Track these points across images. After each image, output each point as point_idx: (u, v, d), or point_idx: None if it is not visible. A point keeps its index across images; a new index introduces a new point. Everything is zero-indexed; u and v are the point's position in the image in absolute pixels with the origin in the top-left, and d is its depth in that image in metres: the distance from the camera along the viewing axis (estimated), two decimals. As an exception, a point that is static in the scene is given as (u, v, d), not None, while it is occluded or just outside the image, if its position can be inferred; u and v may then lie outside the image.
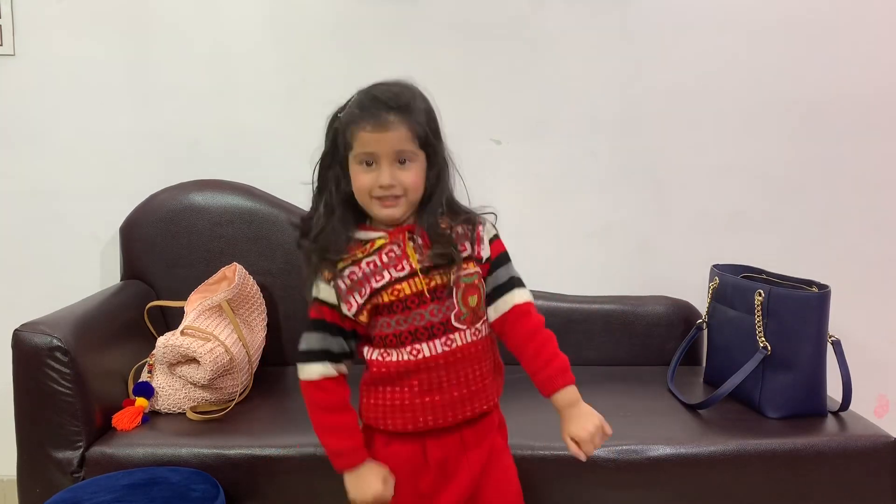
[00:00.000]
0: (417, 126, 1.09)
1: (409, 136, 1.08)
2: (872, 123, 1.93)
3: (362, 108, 1.09)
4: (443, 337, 1.11)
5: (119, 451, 1.40)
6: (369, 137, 1.07)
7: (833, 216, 1.95)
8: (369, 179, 1.09)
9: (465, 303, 1.12)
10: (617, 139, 1.94)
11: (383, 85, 1.12)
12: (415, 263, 1.10)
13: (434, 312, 1.10)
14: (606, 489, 1.40)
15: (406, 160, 1.09)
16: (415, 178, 1.10)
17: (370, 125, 1.07)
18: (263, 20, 1.90)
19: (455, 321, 1.11)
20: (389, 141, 1.07)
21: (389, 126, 1.07)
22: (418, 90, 1.13)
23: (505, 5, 1.89)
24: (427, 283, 1.10)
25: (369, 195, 1.09)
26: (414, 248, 1.11)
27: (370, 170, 1.09)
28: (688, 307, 1.90)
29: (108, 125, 1.91)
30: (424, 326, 1.10)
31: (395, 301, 1.10)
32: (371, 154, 1.08)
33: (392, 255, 1.11)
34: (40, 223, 1.93)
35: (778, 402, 1.54)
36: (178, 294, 1.77)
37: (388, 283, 1.10)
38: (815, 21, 1.89)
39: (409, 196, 1.10)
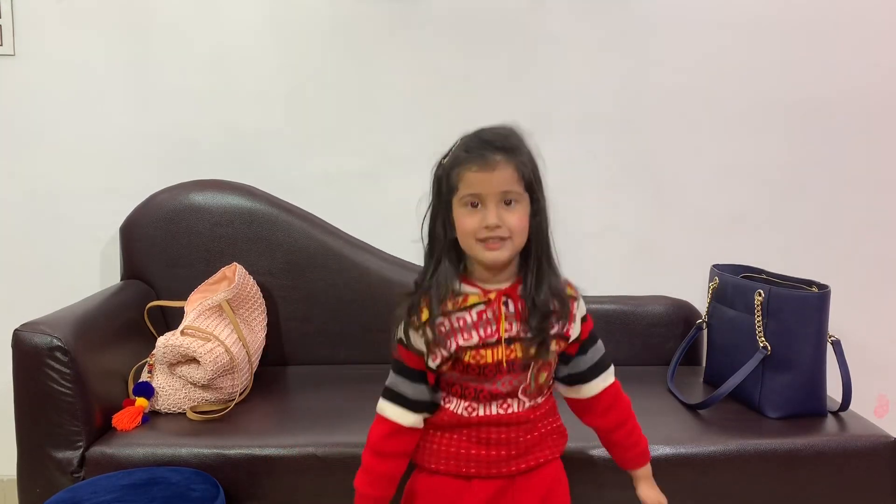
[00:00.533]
0: (524, 167, 1.07)
1: (516, 177, 1.06)
2: (872, 123, 1.93)
3: (468, 149, 1.07)
4: (501, 400, 1.11)
5: (119, 451, 1.40)
6: (476, 178, 1.05)
7: (833, 216, 1.95)
8: (475, 221, 1.06)
9: (537, 380, 1.11)
10: (617, 139, 1.94)
11: (490, 128, 1.10)
12: (502, 332, 1.08)
13: (505, 384, 1.10)
14: (606, 489, 1.40)
15: (512, 201, 1.07)
16: (520, 219, 1.07)
17: (477, 165, 1.05)
18: (263, 20, 1.90)
19: (521, 394, 1.11)
20: (496, 181, 1.05)
21: (497, 166, 1.05)
22: (523, 134, 1.12)
23: (505, 5, 1.89)
24: (507, 355, 1.08)
25: (474, 238, 1.07)
26: (506, 315, 1.09)
27: (475, 211, 1.06)
28: (688, 307, 1.90)
29: (108, 125, 1.91)
30: (490, 392, 1.10)
31: (473, 365, 1.08)
32: (477, 195, 1.06)
33: (484, 318, 1.09)
34: (40, 223, 1.93)
35: (778, 402, 1.54)
36: (178, 294, 1.77)
37: (474, 346, 1.08)
38: (815, 21, 1.90)
39: (514, 239, 1.07)
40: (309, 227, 1.87)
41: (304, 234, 1.86)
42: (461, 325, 1.08)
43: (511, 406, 1.11)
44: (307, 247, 1.86)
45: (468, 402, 1.11)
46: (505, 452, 1.12)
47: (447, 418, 1.12)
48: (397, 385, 1.13)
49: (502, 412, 1.11)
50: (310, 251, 1.85)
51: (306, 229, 1.86)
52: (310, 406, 1.61)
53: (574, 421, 1.27)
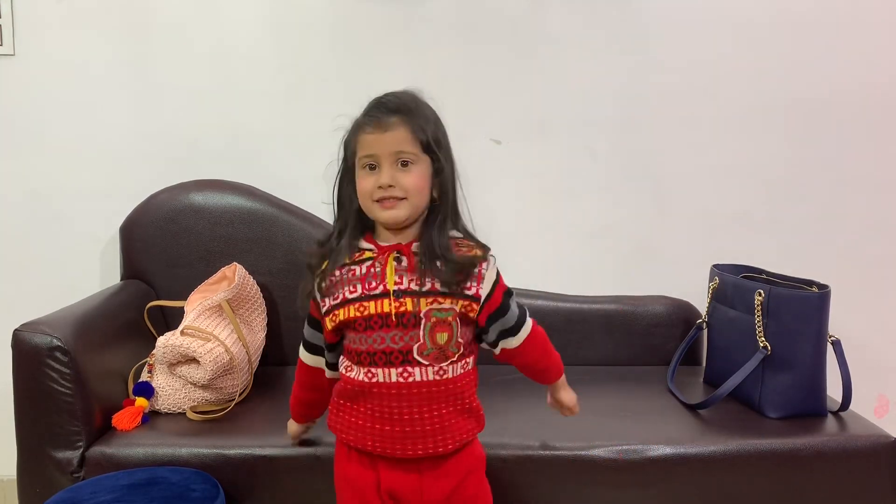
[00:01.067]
0: (419, 131, 1.09)
1: (411, 138, 1.09)
2: (872, 123, 1.93)
3: (366, 112, 1.12)
4: (400, 367, 1.08)
5: (119, 451, 1.40)
6: (370, 139, 1.09)
7: (833, 216, 1.95)
8: (371, 181, 1.09)
9: (433, 338, 1.08)
10: (617, 139, 1.94)
11: (389, 93, 1.14)
12: (390, 284, 1.09)
13: (396, 339, 1.08)
14: (606, 489, 1.40)
15: (408, 162, 1.09)
16: (416, 180, 1.09)
17: (371, 126, 1.09)
18: (263, 20, 1.90)
19: (417, 354, 1.08)
20: (389, 142, 1.08)
21: (390, 126, 1.08)
22: (423, 100, 1.15)
23: (505, 6, 1.89)
24: (396, 307, 1.07)
25: (371, 198, 1.09)
26: (395, 269, 1.10)
27: (372, 173, 1.10)
28: (688, 307, 1.90)
29: (108, 125, 1.91)
30: (383, 351, 1.08)
31: (359, 318, 1.09)
32: (373, 156, 1.09)
33: (371, 271, 1.10)
34: (40, 223, 1.93)
35: (778, 402, 1.54)
36: (178, 294, 1.77)
37: (358, 298, 1.10)
38: (816, 21, 1.89)
39: (411, 199, 1.09)
40: (309, 227, 1.87)
41: (304, 234, 1.86)
42: (349, 276, 1.11)
43: (412, 374, 1.08)
44: (307, 247, 1.85)
45: (366, 367, 1.10)
46: (409, 429, 1.09)
47: (349, 386, 1.13)
48: (305, 329, 1.23)
49: (402, 380, 1.08)
50: (310, 251, 1.85)
51: (306, 229, 1.86)
52: (310, 406, 1.61)
53: (566, 424, 1.27)
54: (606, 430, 1.46)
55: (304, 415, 1.34)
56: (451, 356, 1.10)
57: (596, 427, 1.47)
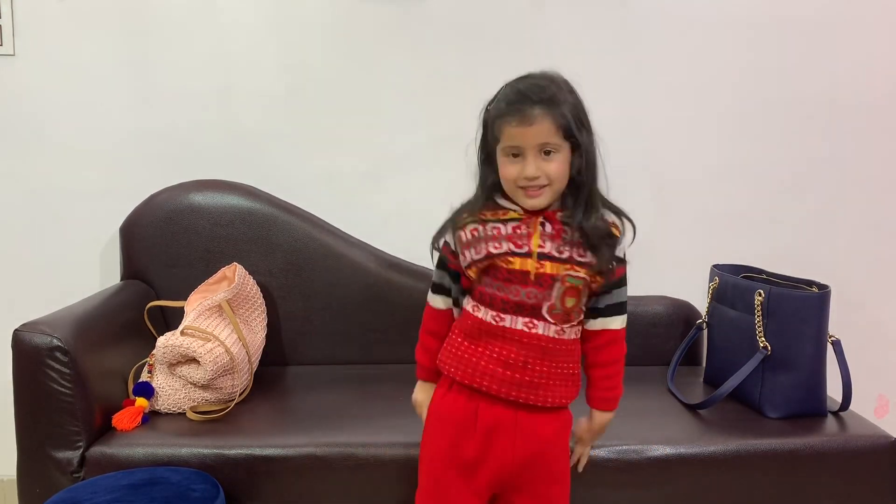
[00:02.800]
0: (561, 118, 1.13)
1: (553, 128, 1.13)
2: (873, 123, 1.93)
3: (508, 102, 1.15)
4: (528, 318, 1.15)
5: (119, 451, 1.40)
6: (515, 132, 1.13)
7: (833, 216, 1.95)
8: (515, 170, 1.14)
9: (563, 301, 1.15)
10: (616, 139, 1.93)
11: (529, 78, 1.18)
12: (534, 246, 1.15)
13: (530, 295, 1.14)
14: (606, 489, 1.40)
15: (551, 151, 1.14)
16: (558, 168, 1.14)
17: (516, 120, 1.13)
18: (263, 20, 1.90)
19: (545, 311, 1.15)
20: (534, 134, 1.12)
21: (534, 120, 1.12)
22: (565, 82, 1.19)
23: (505, 5, 1.89)
24: (536, 268, 1.14)
25: (515, 184, 1.15)
26: (541, 234, 1.16)
27: (516, 161, 1.15)
28: (688, 307, 1.90)
29: (108, 125, 1.91)
30: (517, 302, 1.15)
31: (503, 268, 1.15)
32: (517, 147, 1.14)
33: (518, 232, 1.16)
34: (40, 223, 1.93)
35: (778, 402, 1.54)
36: (178, 294, 1.77)
37: (503, 254, 1.15)
38: (815, 21, 1.90)
39: (553, 186, 1.15)
40: (309, 227, 1.87)
41: (304, 234, 1.86)
42: (495, 233, 1.16)
43: (536, 327, 1.15)
44: (307, 247, 1.86)
45: (496, 311, 1.16)
46: (519, 376, 1.15)
47: (474, 324, 1.18)
48: (435, 275, 1.27)
49: (526, 329, 1.15)
50: (310, 251, 1.85)
51: (306, 229, 1.86)
52: (310, 406, 1.61)
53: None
54: (607, 430, 1.46)
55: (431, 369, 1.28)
56: (573, 319, 1.18)
57: (596, 427, 1.47)
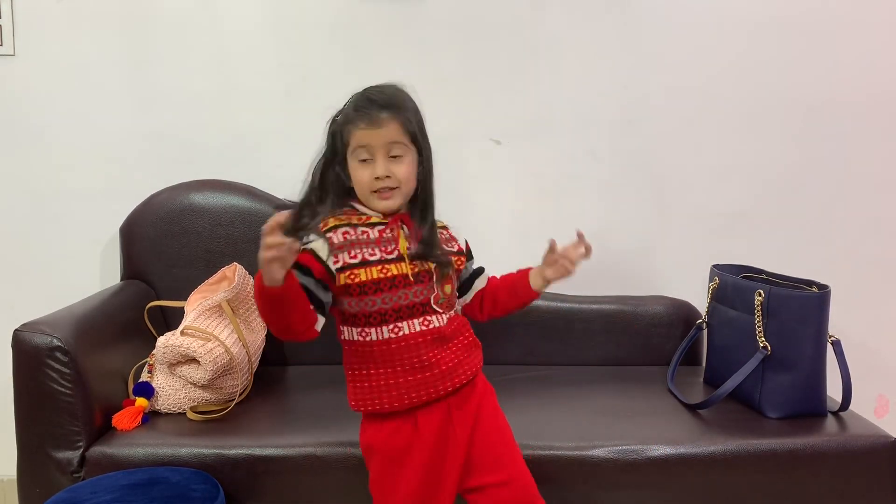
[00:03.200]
0: (408, 123, 1.20)
1: (401, 131, 1.19)
2: (872, 124, 1.93)
3: (357, 108, 1.20)
4: (421, 317, 1.20)
5: (119, 451, 1.40)
6: (364, 134, 1.18)
7: (833, 216, 1.95)
8: (367, 174, 1.19)
9: (443, 289, 1.23)
10: (617, 139, 1.94)
11: (376, 87, 1.23)
12: (403, 250, 1.20)
13: (416, 294, 1.20)
14: (606, 489, 1.40)
15: (398, 154, 1.20)
16: (406, 170, 1.21)
17: (365, 123, 1.18)
18: (263, 20, 1.90)
19: (433, 304, 1.21)
20: (383, 135, 1.18)
21: (382, 122, 1.18)
22: (407, 93, 1.25)
23: (505, 5, 1.89)
24: (412, 269, 1.20)
25: (369, 189, 1.20)
26: (405, 236, 1.22)
27: (367, 165, 1.20)
28: (688, 307, 1.90)
29: (107, 125, 1.91)
30: (407, 306, 1.19)
31: (383, 279, 1.18)
32: (367, 148, 1.19)
33: (384, 237, 1.21)
34: (40, 223, 1.93)
35: (778, 402, 1.54)
36: (178, 294, 1.77)
37: (379, 261, 1.19)
38: (815, 21, 1.90)
39: (403, 188, 1.21)
40: (309, 227, 1.87)
41: (304, 234, 1.85)
42: (366, 238, 1.20)
43: (431, 322, 1.20)
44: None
45: (392, 323, 1.19)
46: (438, 371, 1.19)
47: (372, 349, 1.19)
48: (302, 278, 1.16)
49: (424, 328, 1.19)
50: (310, 251, 1.85)
51: (306, 229, 1.86)
52: (310, 406, 1.61)
53: (566, 424, 1.27)
54: (606, 430, 1.46)
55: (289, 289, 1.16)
56: (453, 301, 1.27)
57: (596, 427, 1.47)
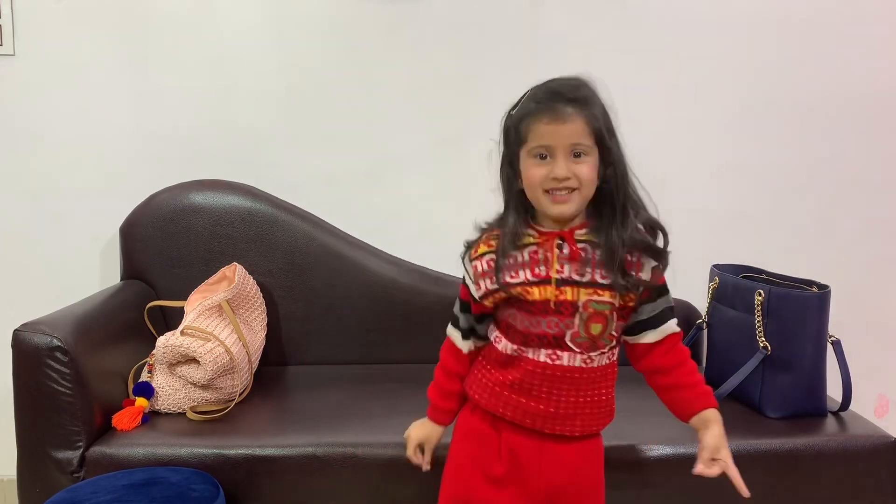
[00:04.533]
0: (594, 120, 1.07)
1: (587, 129, 1.06)
2: (872, 123, 1.93)
3: (538, 100, 1.08)
4: (550, 349, 1.09)
5: (119, 451, 1.40)
6: (546, 129, 1.06)
7: (833, 216, 1.95)
8: (542, 172, 1.07)
9: (587, 328, 1.08)
10: (617, 139, 1.94)
11: (560, 79, 1.11)
12: (553, 272, 1.08)
13: (552, 325, 1.08)
14: (606, 489, 1.40)
15: (581, 154, 1.07)
16: (589, 171, 1.07)
17: (547, 117, 1.06)
18: (263, 20, 1.90)
19: (569, 340, 1.09)
20: (567, 133, 1.05)
21: (567, 118, 1.05)
22: (595, 86, 1.11)
23: (505, 5, 1.89)
24: (556, 295, 1.07)
25: (541, 188, 1.07)
26: (559, 257, 1.08)
27: (544, 163, 1.07)
28: (688, 307, 1.89)
29: (107, 125, 1.91)
30: (538, 335, 1.09)
31: (522, 301, 1.09)
32: (547, 147, 1.06)
33: (535, 257, 1.09)
34: (40, 223, 1.93)
35: (778, 402, 1.54)
36: (178, 294, 1.77)
37: (521, 283, 1.09)
38: (815, 21, 1.90)
39: (582, 191, 1.07)
40: (309, 227, 1.87)
41: (304, 234, 1.86)
42: (510, 262, 1.10)
43: (560, 358, 1.09)
44: (307, 247, 1.86)
45: (517, 344, 1.11)
46: (544, 407, 1.11)
47: (498, 354, 1.15)
48: (455, 310, 1.21)
49: (550, 361, 1.09)
50: (310, 251, 1.85)
51: (306, 229, 1.86)
52: (310, 406, 1.61)
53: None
54: (607, 430, 1.46)
55: (451, 410, 1.22)
56: (602, 347, 1.11)
57: (596, 427, 1.47)
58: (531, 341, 1.10)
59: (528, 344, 1.10)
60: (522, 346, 1.11)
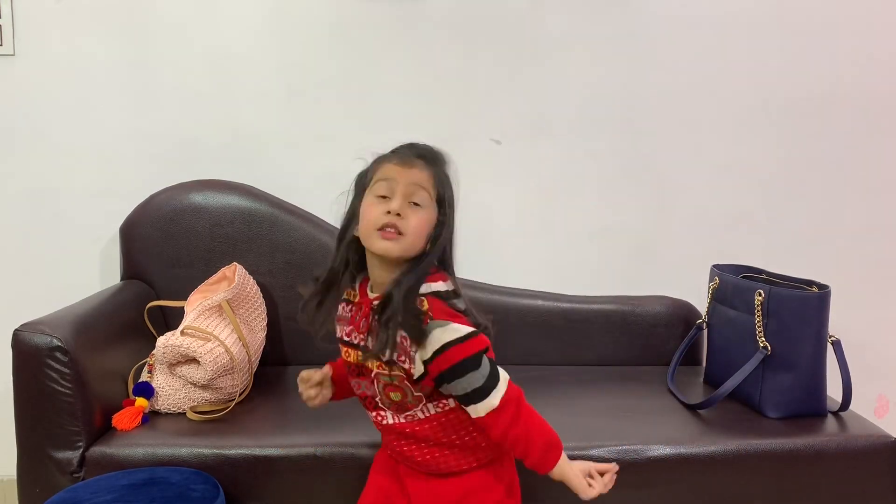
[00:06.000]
0: (438, 180, 1.11)
1: (431, 182, 1.10)
2: (872, 123, 1.93)
3: (395, 150, 1.15)
4: (374, 412, 1.16)
5: (119, 451, 1.40)
6: (392, 169, 1.10)
7: (833, 216, 1.95)
8: (380, 209, 1.07)
9: (386, 395, 1.11)
10: (617, 139, 1.94)
11: (421, 143, 1.16)
12: (355, 338, 1.13)
13: (366, 387, 1.14)
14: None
15: (419, 204, 1.08)
16: (420, 221, 1.08)
17: (397, 159, 1.11)
18: (263, 20, 1.90)
19: (380, 402, 1.14)
20: (410, 176, 1.09)
21: (415, 164, 1.10)
22: (449, 159, 1.16)
23: (505, 5, 1.89)
24: (357, 357, 1.13)
25: (374, 226, 1.07)
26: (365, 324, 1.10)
27: (383, 202, 1.08)
28: (688, 307, 1.90)
29: (108, 125, 1.91)
30: (362, 395, 1.17)
31: (345, 361, 1.18)
32: (389, 181, 1.09)
33: (356, 317, 1.13)
34: (40, 223, 1.93)
35: (778, 402, 1.54)
36: (178, 294, 1.77)
37: (344, 342, 1.16)
38: (815, 20, 1.90)
39: (408, 237, 1.07)
40: (309, 227, 1.87)
41: (304, 234, 1.86)
42: (345, 313, 1.17)
43: (385, 418, 1.14)
44: (307, 247, 1.86)
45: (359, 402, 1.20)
46: (401, 456, 1.18)
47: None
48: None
49: (379, 420, 1.16)
50: (310, 251, 1.85)
51: (306, 229, 1.86)
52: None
53: (566, 424, 1.25)
54: (606, 430, 1.46)
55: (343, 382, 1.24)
56: (412, 408, 1.11)
57: (596, 427, 1.47)
58: (363, 400, 1.17)
59: (363, 404, 1.18)
60: (362, 404, 1.19)
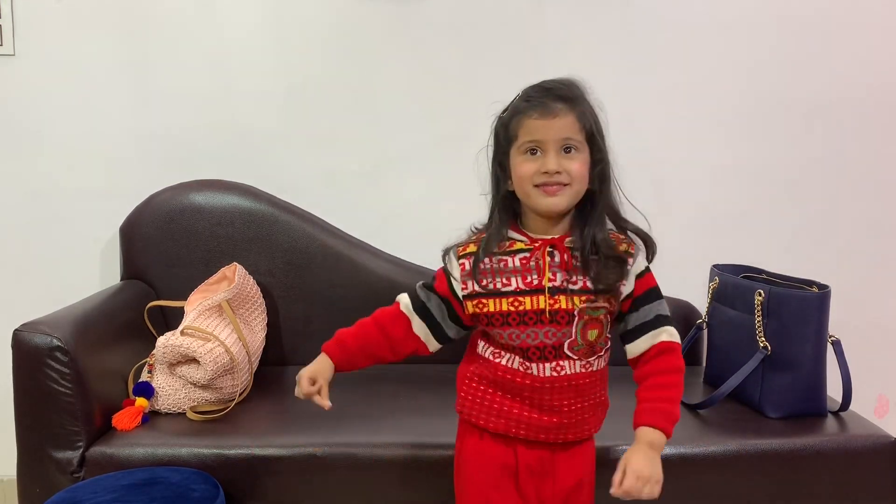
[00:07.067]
0: (584, 118, 1.08)
1: (577, 126, 1.07)
2: (872, 123, 1.93)
3: (528, 98, 1.09)
4: (553, 362, 1.09)
5: (119, 451, 1.40)
6: (536, 125, 1.06)
7: (833, 216, 1.95)
8: (533, 167, 1.07)
9: (584, 335, 1.09)
10: (616, 139, 1.92)
11: (552, 79, 1.11)
12: (545, 281, 1.08)
13: (549, 335, 1.08)
14: (607, 489, 1.40)
15: (572, 149, 1.07)
16: (580, 166, 1.07)
17: (537, 112, 1.06)
18: (263, 20, 1.90)
19: (568, 350, 1.09)
20: (557, 128, 1.06)
21: (557, 113, 1.06)
22: (585, 87, 1.12)
23: (505, 6, 1.89)
24: (551, 305, 1.07)
25: (531, 183, 1.07)
26: (550, 265, 1.08)
27: (534, 158, 1.07)
28: (688, 307, 1.89)
29: (107, 125, 1.91)
30: (537, 346, 1.09)
31: (513, 312, 1.08)
32: (537, 142, 1.07)
33: (526, 264, 1.09)
34: (40, 223, 1.93)
35: (778, 402, 1.54)
36: (178, 294, 1.77)
37: (513, 292, 1.09)
38: (815, 21, 1.90)
39: (574, 186, 1.07)
40: (309, 227, 1.87)
41: (304, 234, 1.86)
42: (502, 266, 1.09)
43: (564, 368, 1.09)
44: (307, 247, 1.86)
45: (522, 359, 1.10)
46: (557, 420, 1.11)
47: (499, 374, 1.12)
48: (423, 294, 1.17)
49: (555, 374, 1.09)
50: (310, 251, 1.86)
51: (306, 229, 1.86)
52: (310, 406, 1.59)
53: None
54: (606, 430, 1.46)
55: (353, 358, 1.19)
56: (599, 351, 1.12)
57: (596, 427, 1.47)
58: (532, 355, 1.09)
59: (530, 358, 1.10)
60: (526, 361, 1.10)
